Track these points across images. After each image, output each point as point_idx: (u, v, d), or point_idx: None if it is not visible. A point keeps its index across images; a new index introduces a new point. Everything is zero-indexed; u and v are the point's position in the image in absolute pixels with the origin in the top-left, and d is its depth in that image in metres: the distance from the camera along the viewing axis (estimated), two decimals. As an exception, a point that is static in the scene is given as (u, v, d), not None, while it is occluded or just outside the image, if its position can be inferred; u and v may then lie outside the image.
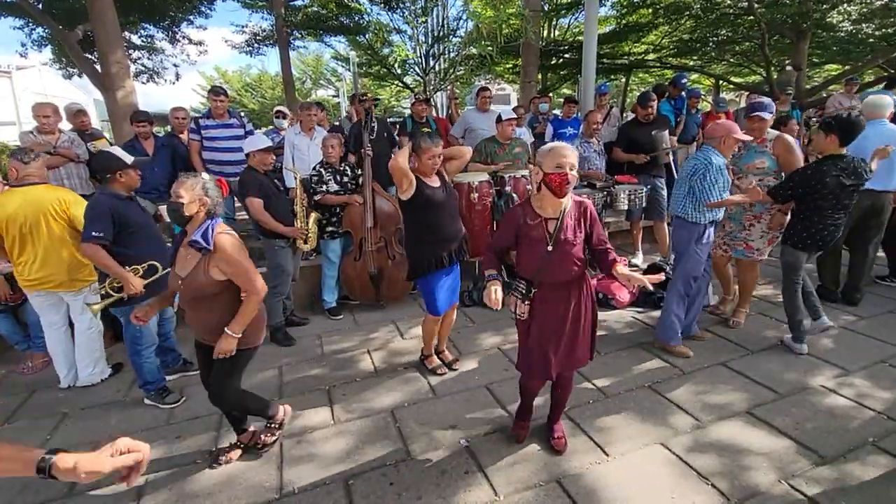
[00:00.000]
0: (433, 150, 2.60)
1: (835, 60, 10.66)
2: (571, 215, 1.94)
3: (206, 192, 2.00)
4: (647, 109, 4.58)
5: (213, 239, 1.93)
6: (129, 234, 2.54)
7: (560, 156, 1.85)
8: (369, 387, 2.87)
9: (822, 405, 2.49)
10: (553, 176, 1.84)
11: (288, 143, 4.53)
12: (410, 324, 3.74)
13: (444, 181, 2.74)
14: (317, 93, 30.36)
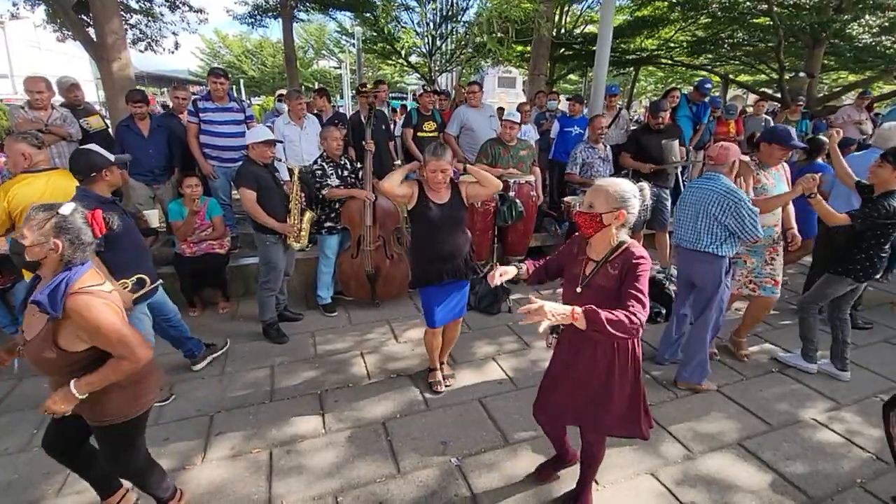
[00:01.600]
0: (434, 163, 2.42)
1: (848, 68, 10.52)
2: (613, 264, 1.65)
3: (60, 232, 1.45)
4: (657, 119, 4.48)
5: (63, 301, 1.42)
6: (115, 241, 2.38)
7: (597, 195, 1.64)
8: (362, 394, 2.85)
9: (813, 441, 2.51)
10: (578, 215, 1.70)
11: (278, 133, 4.41)
12: (405, 325, 3.71)
13: (455, 197, 2.59)
14: (319, 63, 29.62)
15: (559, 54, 11.23)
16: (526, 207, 3.90)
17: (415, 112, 5.00)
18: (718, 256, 2.71)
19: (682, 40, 10.98)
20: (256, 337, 3.49)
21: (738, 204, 2.57)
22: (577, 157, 4.35)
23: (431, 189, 2.55)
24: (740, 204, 2.56)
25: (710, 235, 2.70)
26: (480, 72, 20.13)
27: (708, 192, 2.68)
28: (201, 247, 3.72)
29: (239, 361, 3.19)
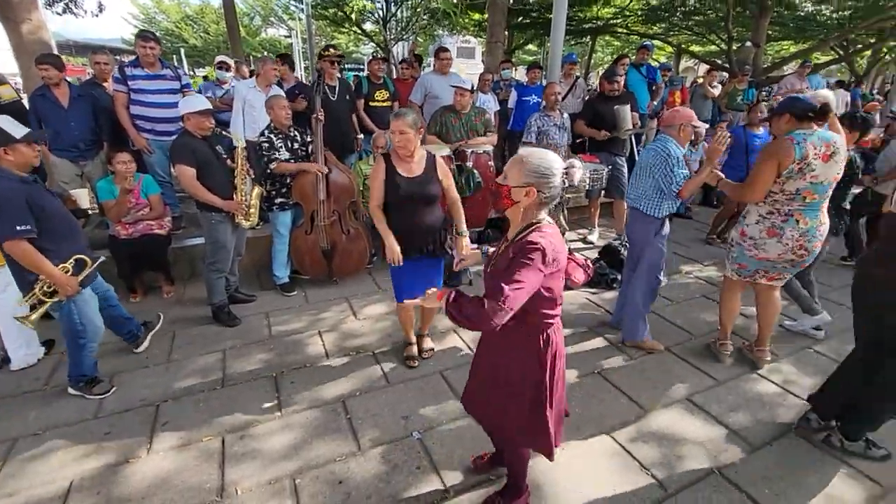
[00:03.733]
0: (392, 123, 2.30)
1: (790, 38, 10.96)
2: (513, 248, 1.45)
3: None
4: (612, 85, 4.49)
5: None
6: (46, 224, 2.16)
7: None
8: (319, 374, 2.77)
9: (754, 392, 2.66)
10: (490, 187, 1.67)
11: (239, 97, 4.11)
12: (364, 301, 3.63)
13: (429, 172, 2.46)
14: (266, 31, 27.92)
15: (517, 22, 11.03)
16: (484, 178, 3.84)
17: (365, 81, 4.77)
18: (650, 216, 2.83)
19: (636, 8, 11.02)
20: (206, 321, 3.31)
21: (667, 160, 2.69)
22: (533, 126, 4.30)
23: (400, 160, 2.42)
24: (669, 160, 2.68)
25: (649, 194, 2.81)
26: (438, 40, 19.60)
27: (652, 153, 2.78)
28: (138, 228, 3.45)
29: (187, 347, 3.03)
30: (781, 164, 2.34)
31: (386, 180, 2.41)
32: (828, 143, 2.34)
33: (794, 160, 2.31)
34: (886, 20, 8.30)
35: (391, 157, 2.44)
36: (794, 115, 2.39)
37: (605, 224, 5.31)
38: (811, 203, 2.41)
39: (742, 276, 2.72)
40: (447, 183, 2.55)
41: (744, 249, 2.63)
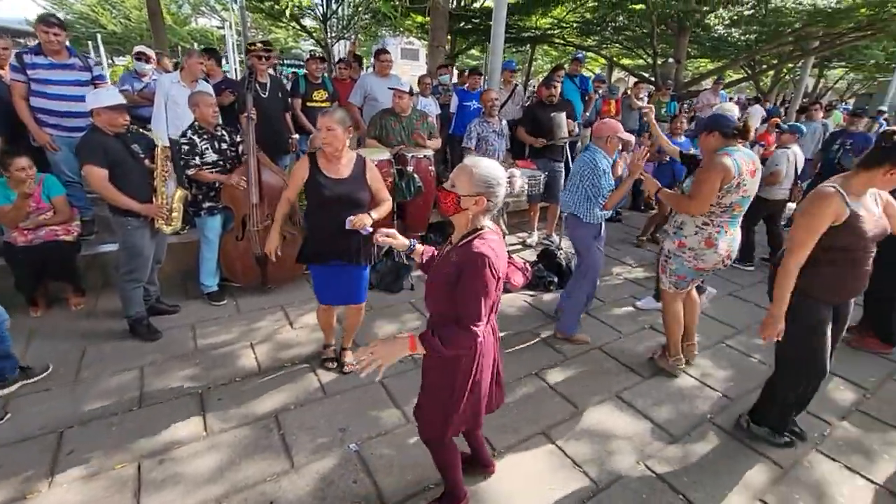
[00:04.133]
0: (320, 120, 2.23)
1: (707, 56, 12.00)
2: (457, 252, 1.47)
3: None
4: (549, 91, 4.65)
5: None
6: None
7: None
8: (250, 388, 2.62)
9: (675, 387, 2.85)
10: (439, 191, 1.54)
11: (161, 92, 3.80)
12: (301, 310, 3.49)
13: (357, 174, 2.39)
14: (197, 21, 26.20)
15: (459, 27, 11.16)
16: (425, 182, 3.84)
17: (302, 80, 4.60)
18: (586, 222, 2.99)
19: (572, 21, 11.54)
20: (121, 335, 3.03)
21: (594, 171, 2.87)
22: (473, 132, 4.37)
23: (327, 160, 2.34)
24: (596, 170, 2.87)
25: (582, 201, 2.97)
26: (382, 41, 19.37)
27: (581, 163, 2.96)
28: (40, 234, 3.09)
29: (98, 365, 2.75)
30: (725, 179, 2.47)
31: (308, 179, 2.33)
32: (752, 160, 2.56)
33: (734, 176, 2.46)
34: (785, 45, 9.33)
35: (317, 156, 2.36)
36: (721, 133, 2.55)
37: (544, 227, 5.48)
38: (735, 215, 2.61)
39: (680, 288, 2.80)
40: (377, 187, 2.48)
41: (683, 261, 2.69)
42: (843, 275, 2.07)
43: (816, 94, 18.62)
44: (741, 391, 2.81)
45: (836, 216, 1.93)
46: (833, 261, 2.02)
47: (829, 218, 1.93)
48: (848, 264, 2.04)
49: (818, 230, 1.94)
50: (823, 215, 1.93)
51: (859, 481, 2.21)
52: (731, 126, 2.54)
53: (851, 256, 2.02)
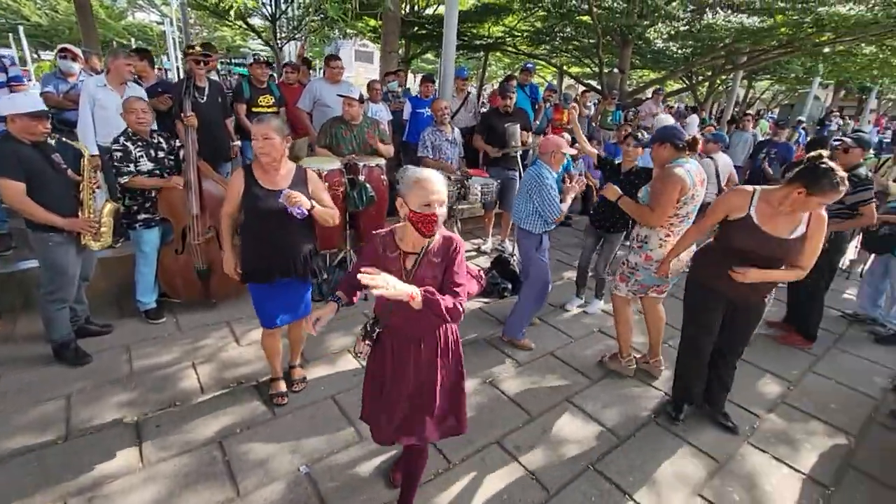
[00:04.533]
0: (254, 128, 2.11)
1: (648, 67, 12.67)
2: (435, 253, 1.61)
3: None
4: (505, 100, 4.71)
5: None
6: None
7: (428, 192, 1.50)
8: (193, 412, 2.48)
9: (622, 388, 2.97)
10: (419, 216, 1.51)
11: (86, 96, 3.52)
12: (249, 325, 3.34)
13: (297, 186, 2.24)
14: (134, 15, 24.63)
15: (413, 32, 11.15)
16: (378, 191, 3.78)
17: (246, 84, 4.43)
18: (531, 232, 3.10)
19: (523, 30, 11.83)
20: (45, 361, 2.78)
21: (541, 187, 2.96)
22: (426, 140, 4.37)
23: (264, 171, 2.22)
24: (543, 187, 2.96)
25: (527, 213, 3.08)
26: (335, 43, 19.01)
27: (528, 177, 3.05)
28: (-55, 251, 2.79)
29: (17, 396, 2.51)
30: (682, 190, 2.59)
31: (245, 192, 2.20)
32: (700, 170, 2.73)
33: (689, 187, 2.60)
34: (718, 58, 10.02)
35: (253, 167, 2.23)
36: (673, 145, 2.69)
37: (499, 233, 5.56)
38: (689, 222, 2.77)
39: (636, 294, 2.96)
40: (320, 197, 2.35)
41: (650, 272, 2.81)
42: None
43: (746, 103, 20.10)
44: (682, 390, 2.96)
45: (734, 209, 2.18)
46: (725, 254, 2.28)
47: (728, 205, 2.20)
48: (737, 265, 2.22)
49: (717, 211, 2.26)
50: (727, 201, 2.22)
51: (785, 470, 2.39)
52: (683, 139, 2.69)
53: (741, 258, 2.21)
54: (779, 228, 2.13)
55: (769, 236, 2.13)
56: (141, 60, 4.18)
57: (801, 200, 2.02)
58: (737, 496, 2.21)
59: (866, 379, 3.24)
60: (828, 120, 15.71)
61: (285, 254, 2.28)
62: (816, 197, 1.98)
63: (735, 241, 2.20)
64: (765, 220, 2.14)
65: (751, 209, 2.16)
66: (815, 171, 1.96)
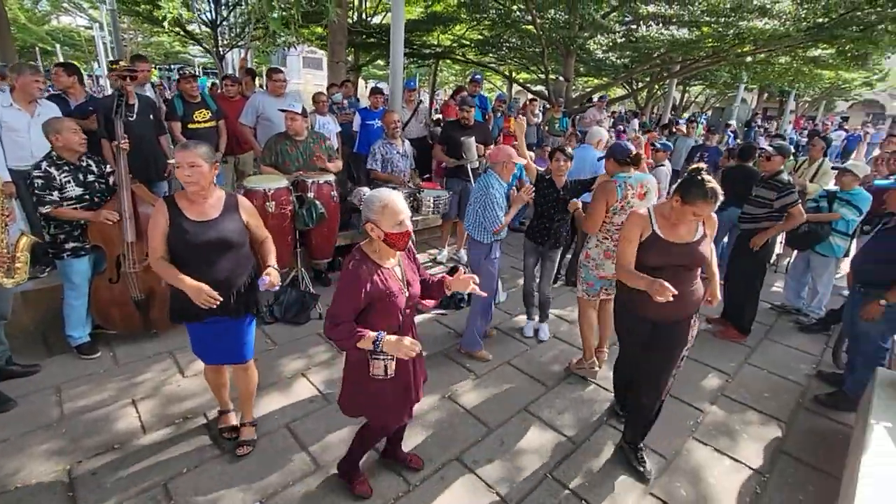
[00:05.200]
0: (179, 155, 1.96)
1: (592, 75, 13.25)
2: (404, 255, 1.94)
3: None
4: (463, 113, 4.75)
5: None
6: None
7: (397, 212, 1.72)
8: (133, 455, 2.32)
9: (576, 393, 3.07)
10: (394, 236, 1.73)
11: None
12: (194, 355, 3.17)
13: (229, 213, 2.11)
14: (59, 19, 22.93)
15: (361, 41, 11.08)
16: (328, 208, 3.72)
17: (178, 101, 4.22)
18: (480, 242, 3.16)
19: (472, 38, 12.04)
20: (-40, 410, 2.52)
21: (486, 196, 3.06)
22: (377, 154, 4.35)
23: (189, 202, 2.05)
24: (487, 196, 3.06)
25: (476, 224, 3.14)
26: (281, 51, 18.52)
27: (478, 186, 3.13)
28: None
29: (-75, 453, 2.26)
30: (608, 202, 2.88)
31: (170, 227, 2.00)
32: (642, 184, 2.93)
33: (617, 199, 2.86)
34: (654, 67, 10.63)
35: (176, 198, 2.06)
36: (616, 160, 2.93)
37: (454, 243, 5.60)
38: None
39: (591, 294, 3.10)
40: (255, 223, 2.24)
41: (589, 270, 3.06)
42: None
43: (682, 106, 21.42)
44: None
45: (641, 230, 2.22)
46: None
47: (637, 229, 2.23)
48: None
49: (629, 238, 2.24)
50: (634, 227, 2.24)
51: (727, 462, 2.55)
52: (624, 155, 2.92)
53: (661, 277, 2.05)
54: (683, 235, 2.18)
55: (678, 244, 2.17)
56: (69, 76, 3.89)
57: (679, 210, 2.08)
58: (684, 491, 2.33)
59: (793, 367, 3.52)
60: (753, 122, 17.06)
61: (222, 288, 2.04)
62: (689, 206, 2.02)
63: (651, 260, 2.18)
64: (668, 232, 2.18)
65: (654, 226, 2.20)
66: (690, 183, 2.02)
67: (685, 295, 2.17)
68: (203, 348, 2.26)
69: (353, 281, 1.72)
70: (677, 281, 2.07)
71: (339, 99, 6.04)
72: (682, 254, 2.17)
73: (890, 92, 29.55)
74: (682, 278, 2.17)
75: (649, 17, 7.82)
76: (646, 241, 2.21)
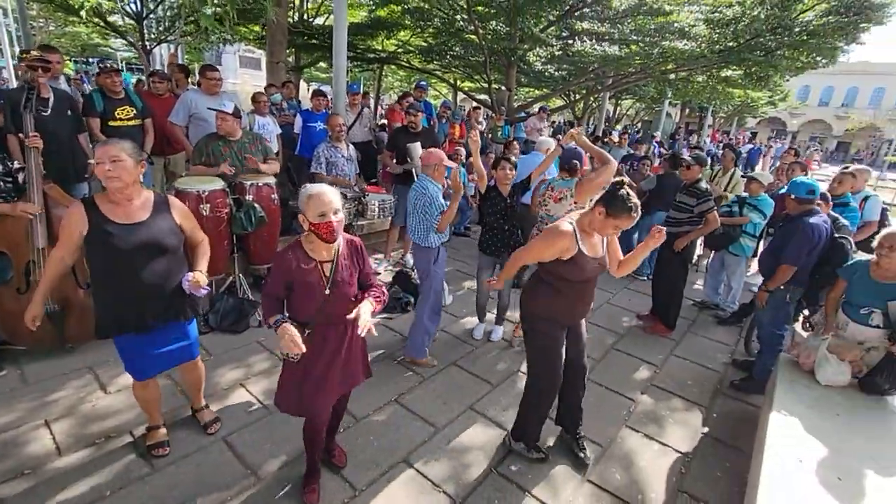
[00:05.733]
0: (99, 151, 1.85)
1: (532, 86, 13.80)
2: (345, 255, 1.95)
3: None
4: (410, 118, 4.74)
5: None
6: None
7: (321, 204, 1.77)
8: (48, 479, 2.11)
9: (519, 388, 3.15)
10: (319, 226, 1.79)
11: None
12: (118, 368, 2.90)
13: (159, 215, 2.01)
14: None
15: (303, 42, 10.80)
16: (268, 211, 3.59)
17: (98, 96, 3.91)
18: (425, 247, 3.17)
19: (416, 45, 12.11)
20: None
21: (424, 197, 3.08)
22: (321, 157, 4.27)
23: (113, 203, 1.92)
24: (426, 197, 3.08)
25: (418, 228, 3.14)
26: (216, 49, 17.62)
27: (414, 191, 3.14)
28: None
29: None
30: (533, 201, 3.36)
31: (90, 233, 1.87)
32: (561, 189, 3.20)
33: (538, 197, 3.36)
34: (589, 80, 11.27)
35: (97, 200, 1.92)
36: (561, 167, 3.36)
37: (402, 248, 5.60)
38: None
39: None
40: (189, 225, 2.15)
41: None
42: (570, 303, 2.32)
43: (615, 118, 22.82)
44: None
45: (565, 251, 2.16)
46: (561, 290, 2.27)
47: (558, 249, 2.16)
48: (577, 295, 2.31)
49: (544, 257, 2.24)
50: (556, 246, 2.17)
51: (655, 447, 2.75)
52: (563, 162, 3.37)
53: (580, 288, 2.27)
54: (596, 249, 2.27)
55: (594, 259, 2.24)
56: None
57: (600, 221, 2.12)
58: (618, 476, 2.49)
59: (712, 357, 3.86)
60: (677, 134, 18.58)
61: (157, 294, 1.99)
62: (612, 219, 2.08)
63: (575, 275, 2.21)
64: (588, 247, 2.21)
65: (579, 244, 2.19)
66: (615, 197, 2.06)
67: (590, 298, 2.43)
68: (139, 361, 2.10)
69: (277, 267, 1.88)
70: (590, 288, 2.38)
71: (278, 100, 5.86)
72: (595, 268, 2.27)
73: (790, 111, 33.45)
74: (593, 285, 2.39)
75: (584, 33, 8.30)
76: (571, 259, 2.18)
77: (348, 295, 1.96)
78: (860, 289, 2.72)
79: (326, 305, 1.89)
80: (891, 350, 2.54)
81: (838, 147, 36.33)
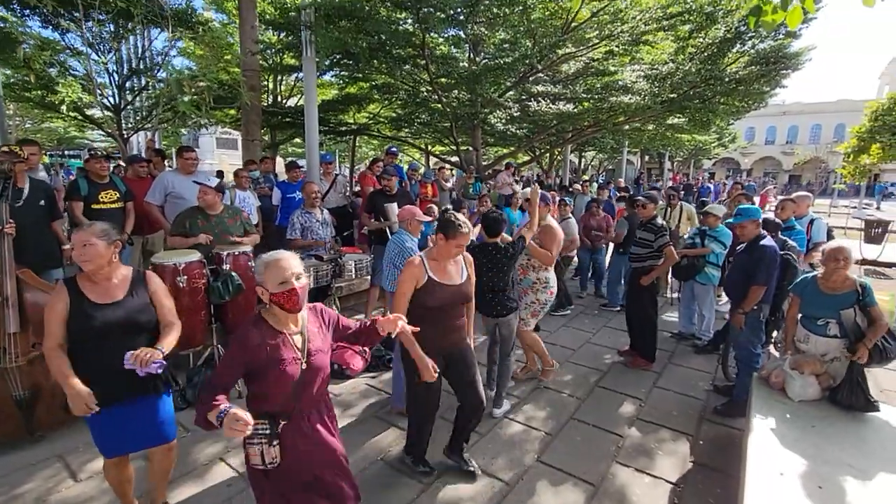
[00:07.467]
0: (74, 237, 1.93)
1: (498, 144, 14.67)
2: (312, 322, 1.79)
3: None
4: (384, 182, 5.02)
5: None
6: None
7: (280, 270, 1.62)
8: (7, 582, 1.97)
9: (507, 435, 3.14)
10: (280, 296, 1.62)
11: None
12: (89, 454, 2.81)
13: (136, 293, 2.02)
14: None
15: (277, 121, 11.36)
16: (245, 280, 3.64)
17: (83, 181, 4.06)
18: None
19: (386, 115, 12.87)
20: None
21: (402, 250, 3.27)
22: (295, 223, 4.42)
23: (92, 283, 1.95)
24: (403, 250, 3.27)
25: (392, 277, 3.25)
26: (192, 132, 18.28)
27: (392, 246, 3.33)
28: None
29: None
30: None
31: (71, 312, 1.89)
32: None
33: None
34: (550, 136, 12.07)
35: (78, 280, 1.96)
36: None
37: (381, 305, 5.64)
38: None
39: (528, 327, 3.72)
40: (164, 304, 2.12)
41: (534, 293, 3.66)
42: (439, 329, 2.44)
43: (581, 169, 24.09)
44: (557, 425, 3.24)
45: (418, 279, 2.37)
46: (424, 318, 2.30)
47: (412, 280, 2.37)
48: (439, 321, 2.43)
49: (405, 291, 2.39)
50: (410, 277, 2.38)
51: (647, 479, 2.72)
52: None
53: (439, 315, 2.43)
54: (452, 277, 2.47)
55: (450, 286, 2.43)
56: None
57: (443, 246, 2.38)
58: (612, 514, 2.44)
59: (694, 385, 3.92)
60: (640, 179, 19.65)
61: (123, 376, 1.87)
62: (451, 240, 2.34)
63: (430, 301, 2.39)
64: (441, 275, 2.42)
65: (427, 272, 2.39)
66: (448, 224, 2.34)
67: (459, 326, 2.57)
68: (109, 437, 2.03)
69: (237, 346, 1.64)
70: (453, 315, 2.52)
71: (256, 176, 6.12)
72: (453, 293, 2.46)
73: (741, 150, 35.99)
74: (456, 312, 2.54)
75: (539, 95, 9.02)
76: (423, 286, 2.38)
77: (325, 368, 1.78)
78: (813, 302, 2.89)
79: (303, 384, 1.68)
80: (851, 359, 2.67)
81: (790, 180, 38.77)
